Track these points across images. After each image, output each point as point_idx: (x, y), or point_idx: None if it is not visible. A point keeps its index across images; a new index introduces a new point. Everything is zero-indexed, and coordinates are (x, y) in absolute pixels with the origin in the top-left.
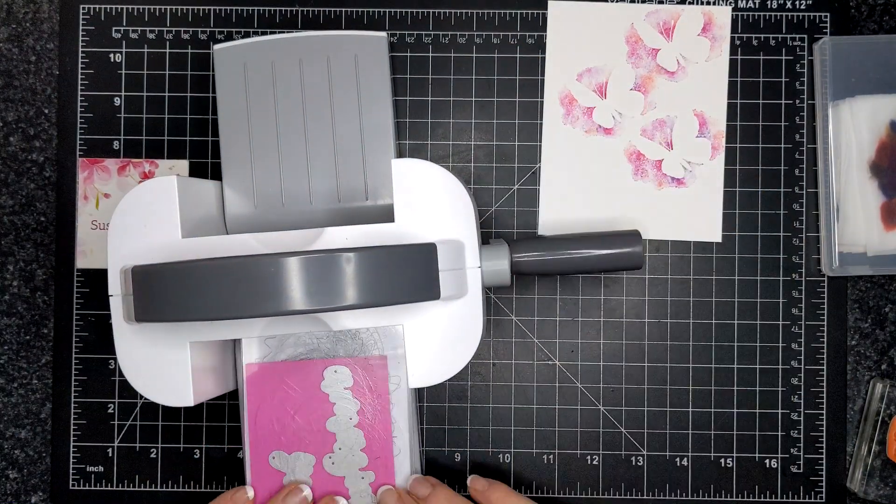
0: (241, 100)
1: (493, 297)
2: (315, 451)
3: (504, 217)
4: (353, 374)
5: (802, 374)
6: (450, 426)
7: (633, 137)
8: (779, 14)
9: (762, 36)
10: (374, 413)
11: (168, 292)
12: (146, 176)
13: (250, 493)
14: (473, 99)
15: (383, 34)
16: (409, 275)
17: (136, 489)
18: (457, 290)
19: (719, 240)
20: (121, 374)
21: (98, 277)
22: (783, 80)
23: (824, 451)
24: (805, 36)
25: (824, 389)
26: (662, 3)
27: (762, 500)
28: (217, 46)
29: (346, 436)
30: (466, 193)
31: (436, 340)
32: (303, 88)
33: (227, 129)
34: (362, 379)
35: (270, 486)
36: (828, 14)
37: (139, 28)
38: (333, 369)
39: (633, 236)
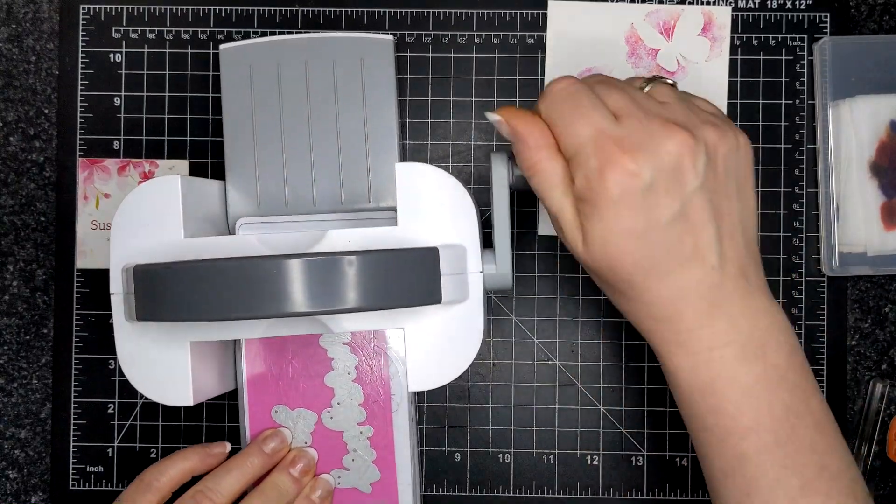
0: (245, 100)
1: (494, 297)
2: (314, 407)
3: None
4: (352, 347)
5: None
6: (450, 426)
7: None
8: (779, 14)
9: (762, 36)
10: (372, 367)
11: (170, 292)
12: (146, 176)
13: (227, 447)
14: (473, 99)
15: (390, 37)
16: (411, 279)
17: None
18: (458, 295)
19: None
20: (121, 374)
21: (98, 277)
22: (783, 80)
23: None
24: (805, 36)
25: (824, 389)
26: (662, 3)
27: None
28: (223, 46)
29: (344, 390)
30: (469, 198)
31: (436, 344)
32: (308, 90)
33: (231, 128)
34: (360, 333)
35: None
36: (828, 14)
37: (139, 28)
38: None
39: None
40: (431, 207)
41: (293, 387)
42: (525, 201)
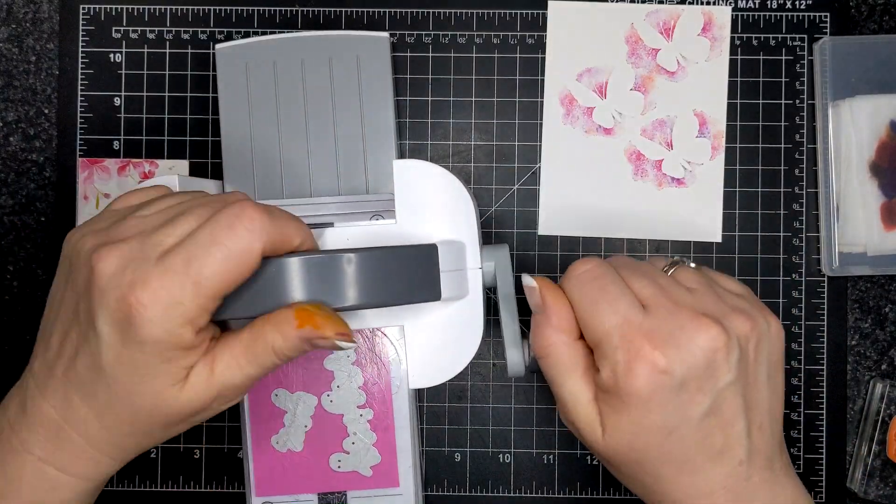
0: (242, 100)
1: (493, 297)
2: (314, 390)
3: (504, 217)
4: None
5: (802, 374)
6: (450, 426)
7: (633, 137)
8: (779, 14)
9: (762, 36)
10: (372, 350)
11: None
12: (146, 176)
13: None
14: (473, 99)
15: (386, 35)
16: (411, 276)
17: (136, 489)
18: (458, 291)
19: (719, 240)
20: None
21: None
22: (783, 80)
23: (824, 451)
24: (805, 36)
25: (824, 389)
26: (662, 3)
27: None
28: (219, 46)
29: (344, 373)
30: (468, 194)
31: (436, 341)
32: (304, 88)
33: (228, 128)
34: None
35: (270, 424)
36: (828, 14)
37: (139, 28)
38: None
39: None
40: (430, 204)
41: (293, 370)
42: (525, 201)
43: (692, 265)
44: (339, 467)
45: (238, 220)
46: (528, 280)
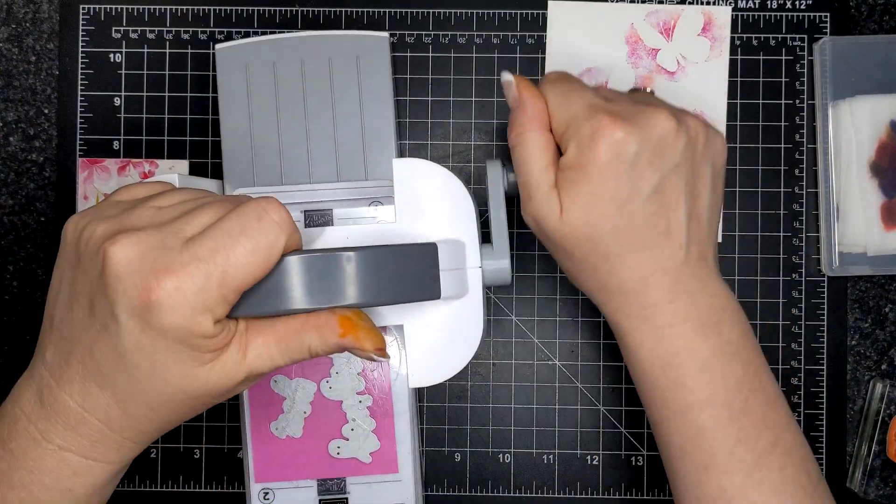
0: (242, 99)
1: (493, 296)
2: (313, 377)
3: None
4: None
5: (802, 374)
6: (450, 426)
7: None
8: (779, 14)
9: (762, 36)
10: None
11: None
12: (146, 176)
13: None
14: (473, 99)
15: (385, 34)
16: (410, 274)
17: (136, 489)
18: (457, 290)
19: (719, 240)
20: None
21: None
22: (783, 80)
23: (824, 451)
24: (805, 36)
25: (824, 389)
26: (662, 3)
27: None
28: (219, 46)
29: (343, 360)
30: (467, 193)
31: (436, 340)
32: (304, 88)
33: (228, 128)
34: None
35: (269, 410)
36: (828, 14)
37: (139, 28)
38: None
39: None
40: (429, 203)
41: None
42: None
43: (649, 90)
44: (338, 453)
45: (266, 213)
46: (506, 76)
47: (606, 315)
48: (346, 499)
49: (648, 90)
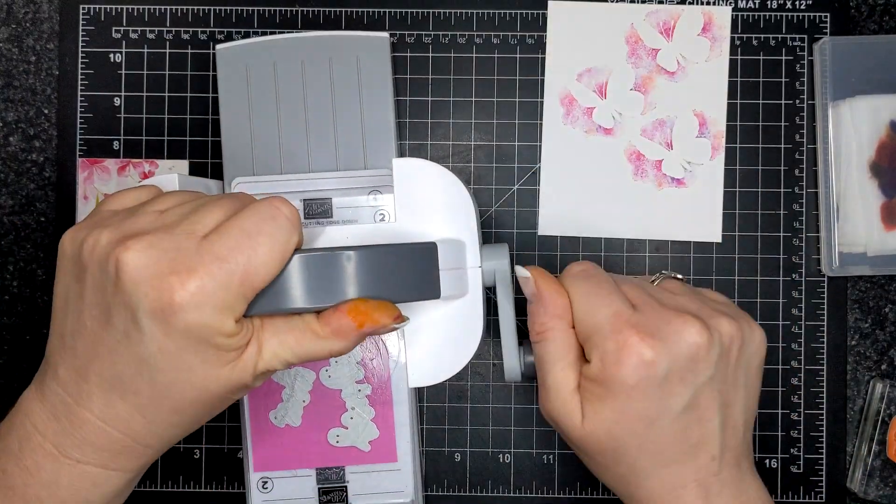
0: (242, 100)
1: (493, 297)
2: (312, 366)
3: (504, 217)
4: None
5: (802, 374)
6: (450, 426)
7: (633, 137)
8: (779, 14)
9: (762, 36)
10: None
11: None
12: (146, 176)
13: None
14: (473, 99)
15: (386, 35)
16: (410, 274)
17: (136, 489)
18: (457, 290)
19: (719, 240)
20: None
21: None
22: (783, 80)
23: (824, 451)
24: (805, 36)
25: (824, 389)
26: (662, 3)
27: None
28: (219, 46)
29: None
30: (467, 193)
31: (436, 340)
32: (305, 89)
33: (228, 128)
34: None
35: (268, 399)
36: (828, 14)
37: (139, 28)
38: None
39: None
40: (429, 203)
41: None
42: (525, 201)
43: (679, 277)
44: (337, 442)
45: (279, 211)
46: (521, 271)
47: None
48: (346, 487)
49: (679, 277)
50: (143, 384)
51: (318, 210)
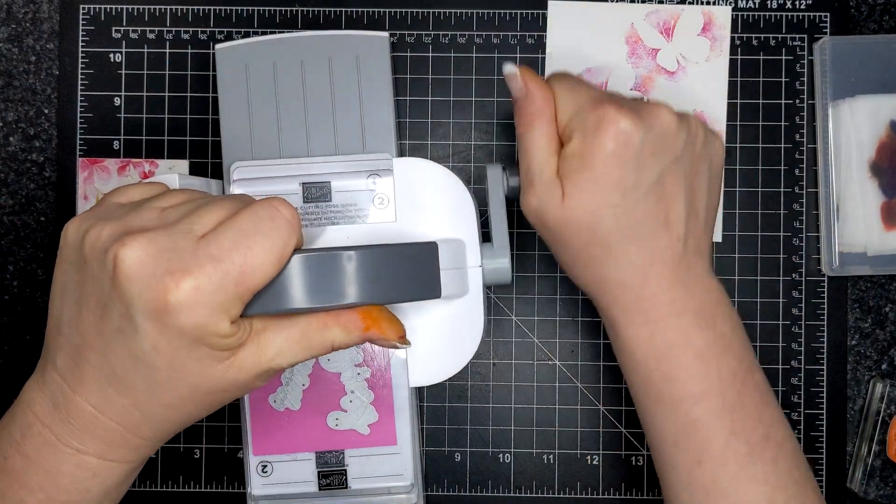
0: (242, 99)
1: (494, 296)
2: None
3: None
4: None
5: (802, 374)
6: (450, 426)
7: None
8: (779, 14)
9: (762, 36)
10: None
11: None
12: (146, 176)
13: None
14: (473, 99)
15: (385, 34)
16: (411, 273)
17: (136, 489)
18: (458, 290)
19: (719, 240)
20: None
21: None
22: (783, 80)
23: (824, 451)
24: (805, 36)
25: (824, 389)
26: (662, 3)
27: None
28: (219, 46)
29: None
30: (467, 192)
31: (437, 339)
32: (304, 88)
33: (228, 128)
34: None
35: (267, 383)
36: (828, 14)
37: (139, 28)
38: None
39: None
40: (430, 202)
41: None
42: None
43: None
44: (336, 425)
45: (278, 212)
46: (509, 67)
47: (601, 309)
48: (345, 471)
49: (645, 99)
50: (138, 379)
51: (316, 194)
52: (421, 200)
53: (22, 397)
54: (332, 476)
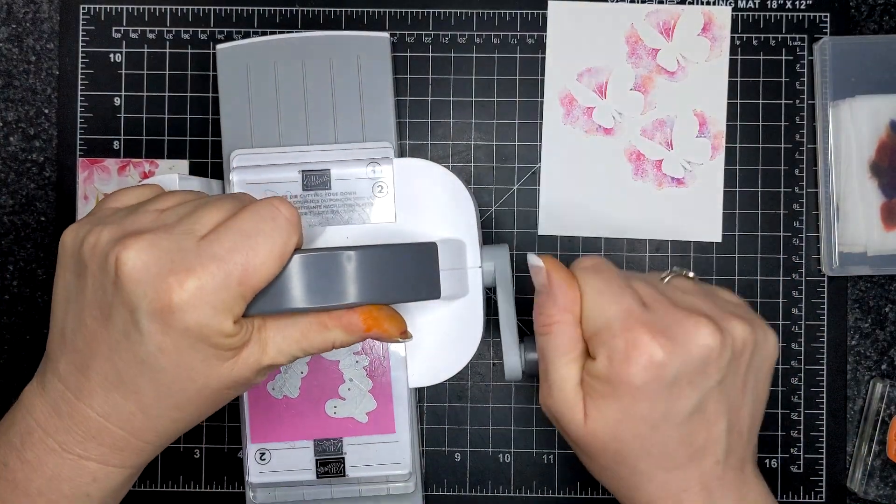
0: (243, 100)
1: (493, 296)
2: None
3: (504, 217)
4: None
5: (802, 374)
6: (450, 426)
7: (633, 137)
8: (779, 14)
9: (762, 36)
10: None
11: None
12: (146, 176)
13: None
14: (473, 99)
15: (386, 35)
16: (410, 274)
17: (136, 489)
18: (457, 290)
19: (719, 240)
20: None
21: None
22: (783, 80)
23: (824, 451)
24: (805, 36)
25: (824, 389)
26: (662, 3)
27: None
28: (220, 46)
29: None
30: (467, 193)
31: (436, 340)
32: (305, 88)
33: (228, 116)
34: None
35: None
36: (828, 14)
37: (139, 28)
38: None
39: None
40: (430, 203)
41: None
42: (525, 201)
43: (690, 275)
44: (334, 413)
45: (279, 212)
46: (534, 260)
47: None
48: (343, 459)
49: (690, 275)
50: (144, 383)
51: (316, 182)
52: (421, 201)
53: (21, 402)
54: (330, 464)
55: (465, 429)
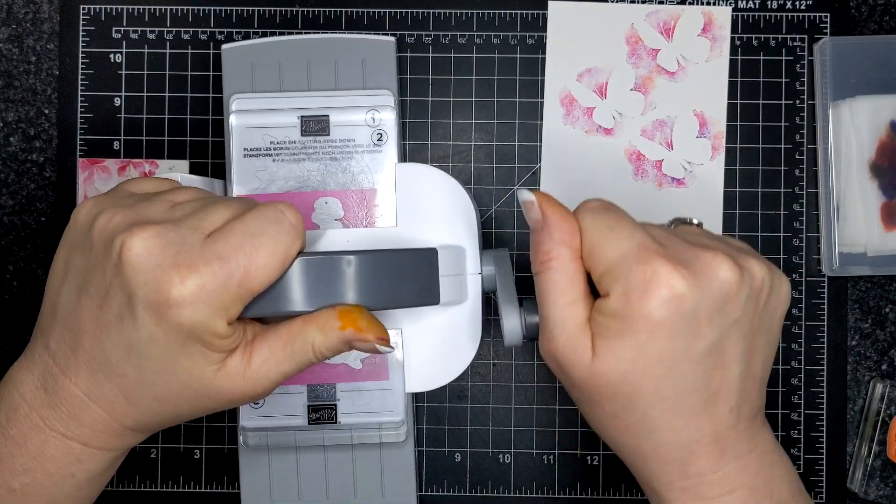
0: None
1: (493, 297)
2: None
3: (504, 217)
4: (343, 205)
5: (802, 375)
6: (450, 426)
7: (633, 138)
8: (779, 14)
9: (762, 36)
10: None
11: None
12: (146, 176)
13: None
14: (473, 99)
15: (392, 39)
16: (410, 279)
17: (136, 489)
18: (457, 296)
19: None
20: None
21: None
22: (783, 80)
23: (824, 451)
24: (805, 36)
25: (824, 389)
26: (662, 3)
27: None
28: (225, 46)
29: None
30: (468, 198)
31: (434, 346)
32: (309, 90)
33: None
34: (352, 209)
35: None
36: (828, 14)
37: (139, 28)
38: (324, 200)
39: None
40: (430, 208)
41: None
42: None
43: (695, 221)
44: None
45: (284, 216)
46: (526, 195)
47: (640, 479)
48: (335, 405)
49: (696, 222)
50: (130, 368)
51: (315, 128)
52: (422, 206)
53: (9, 378)
54: (322, 410)
55: (465, 429)
